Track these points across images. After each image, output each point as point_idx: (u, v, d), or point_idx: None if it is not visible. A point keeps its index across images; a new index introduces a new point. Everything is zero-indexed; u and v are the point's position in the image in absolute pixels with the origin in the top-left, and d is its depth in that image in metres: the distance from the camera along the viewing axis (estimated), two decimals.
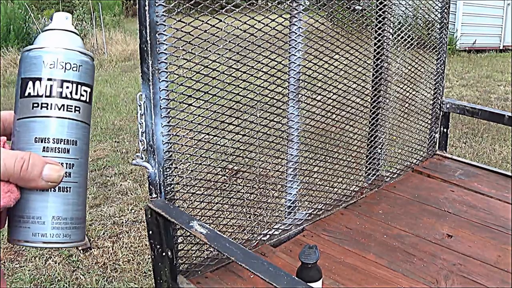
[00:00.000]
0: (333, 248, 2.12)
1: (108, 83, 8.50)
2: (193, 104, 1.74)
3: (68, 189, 0.59)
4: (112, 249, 3.26)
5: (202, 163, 1.89)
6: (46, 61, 0.59)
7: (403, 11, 2.66)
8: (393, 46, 2.64)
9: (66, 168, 0.59)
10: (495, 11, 11.11)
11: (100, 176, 4.51)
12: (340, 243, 2.15)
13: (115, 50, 11.37)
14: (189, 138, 1.77)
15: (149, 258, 3.09)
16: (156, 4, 1.54)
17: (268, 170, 2.13)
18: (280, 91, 2.09)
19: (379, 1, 2.46)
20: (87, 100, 0.62)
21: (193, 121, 1.75)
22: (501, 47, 11.41)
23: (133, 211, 3.80)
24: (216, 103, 1.83)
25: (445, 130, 3.02)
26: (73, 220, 0.60)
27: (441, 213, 2.39)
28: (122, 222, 3.63)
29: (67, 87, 0.60)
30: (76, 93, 0.60)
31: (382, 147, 2.72)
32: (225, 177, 2.10)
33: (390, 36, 2.58)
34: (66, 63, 0.60)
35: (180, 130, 1.74)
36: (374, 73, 2.53)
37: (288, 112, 2.13)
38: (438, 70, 2.96)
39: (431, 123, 3.00)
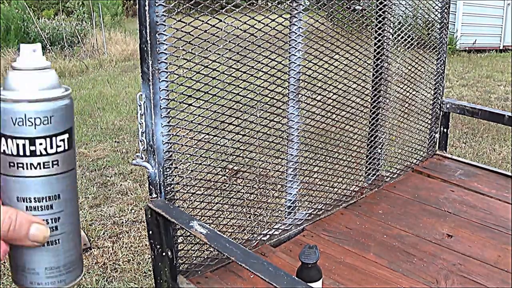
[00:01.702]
0: (333, 248, 2.12)
1: (108, 83, 8.50)
2: (193, 104, 1.74)
3: (57, 241, 0.59)
4: (112, 249, 3.26)
5: (202, 163, 1.89)
6: (14, 118, 0.55)
7: (403, 11, 2.66)
8: (393, 46, 2.64)
9: (52, 223, 0.59)
10: (495, 11, 11.11)
11: (100, 176, 4.51)
12: (340, 243, 2.15)
13: (115, 50, 11.37)
14: (189, 138, 1.77)
15: (149, 258, 3.09)
16: (156, 4, 1.54)
17: (268, 170, 2.13)
18: (280, 91, 2.09)
19: (379, 1, 2.46)
20: (66, 148, 0.58)
21: (193, 121, 1.75)
22: (501, 47, 11.41)
23: (133, 211, 3.80)
24: (216, 103, 1.83)
25: (445, 130, 3.02)
26: (66, 265, 0.61)
27: (441, 213, 2.39)
28: (122, 222, 3.63)
29: (40, 144, 0.56)
30: (52, 147, 0.57)
31: (382, 147, 2.72)
32: (225, 177, 2.10)
33: (390, 36, 2.58)
34: (35, 118, 0.56)
35: (180, 130, 1.74)
36: (374, 73, 2.53)
37: (288, 112, 2.13)
38: (438, 70, 2.96)
39: (431, 123, 3.00)
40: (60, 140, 0.57)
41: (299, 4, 2.01)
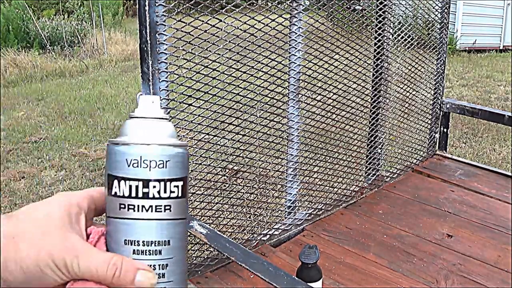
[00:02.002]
0: (333, 248, 2.12)
1: (108, 83, 8.49)
2: (193, 104, 1.74)
3: None
4: None
5: (202, 163, 1.89)
6: (129, 160, 0.55)
7: (403, 11, 2.66)
8: (393, 46, 2.64)
9: (159, 269, 0.56)
10: (495, 11, 11.10)
11: (100, 176, 4.51)
12: (340, 243, 2.15)
13: (115, 50, 11.36)
14: (189, 138, 1.77)
15: None
16: (156, 4, 1.54)
17: (268, 170, 2.13)
18: (280, 91, 2.09)
19: (379, 1, 2.46)
20: (179, 195, 0.57)
21: (193, 121, 1.75)
22: (501, 47, 11.40)
23: None
24: (216, 103, 1.83)
25: (445, 130, 3.02)
26: None
27: (441, 213, 2.39)
28: None
29: (154, 187, 0.55)
30: (165, 191, 0.56)
31: (382, 147, 2.72)
32: (225, 177, 2.10)
33: (390, 36, 2.58)
34: (150, 161, 0.55)
35: (180, 130, 1.74)
36: (374, 73, 2.53)
37: (288, 112, 2.13)
38: (438, 70, 2.96)
39: (431, 123, 3.00)
40: (174, 186, 0.57)
41: (299, 4, 2.01)
